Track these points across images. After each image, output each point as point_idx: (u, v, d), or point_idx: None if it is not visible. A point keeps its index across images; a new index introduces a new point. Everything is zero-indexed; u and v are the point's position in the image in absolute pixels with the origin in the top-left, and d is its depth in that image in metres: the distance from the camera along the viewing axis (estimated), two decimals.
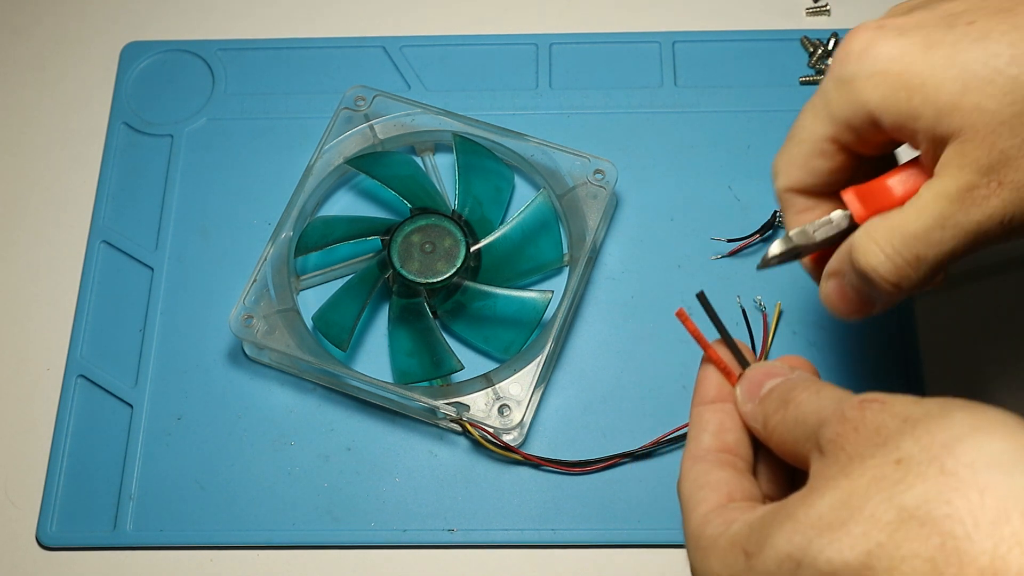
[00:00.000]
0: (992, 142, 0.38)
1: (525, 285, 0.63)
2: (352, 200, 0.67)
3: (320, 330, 0.61)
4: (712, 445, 0.40)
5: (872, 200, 0.42)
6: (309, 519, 0.58)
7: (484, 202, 0.64)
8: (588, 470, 0.59)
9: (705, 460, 0.39)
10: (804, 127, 0.44)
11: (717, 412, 0.41)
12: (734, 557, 0.35)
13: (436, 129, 0.66)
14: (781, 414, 0.38)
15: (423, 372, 0.59)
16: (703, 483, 0.38)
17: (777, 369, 0.40)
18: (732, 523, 0.36)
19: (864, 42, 0.41)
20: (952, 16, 0.40)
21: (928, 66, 0.39)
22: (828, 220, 0.44)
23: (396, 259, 0.61)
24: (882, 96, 0.40)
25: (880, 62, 0.40)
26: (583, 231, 0.63)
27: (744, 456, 0.40)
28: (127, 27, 0.73)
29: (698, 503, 0.38)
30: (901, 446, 0.32)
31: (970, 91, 0.38)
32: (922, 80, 0.39)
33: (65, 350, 0.63)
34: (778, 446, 0.38)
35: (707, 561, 0.36)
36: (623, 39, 0.71)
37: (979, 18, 0.39)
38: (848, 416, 0.34)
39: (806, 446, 0.36)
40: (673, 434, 0.59)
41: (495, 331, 0.61)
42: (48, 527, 0.58)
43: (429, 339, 0.60)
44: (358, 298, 0.61)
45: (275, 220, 0.64)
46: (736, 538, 0.35)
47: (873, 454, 0.32)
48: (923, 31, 0.40)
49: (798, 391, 0.38)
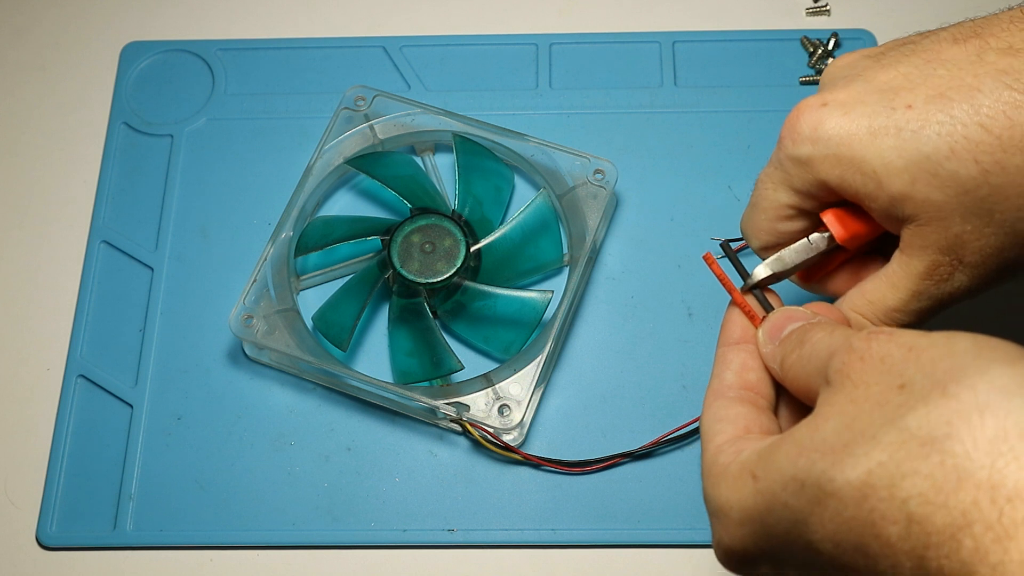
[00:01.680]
0: (946, 227, 0.40)
1: (525, 285, 0.63)
2: (352, 200, 0.67)
3: (320, 330, 0.61)
4: (734, 382, 0.41)
5: (850, 222, 0.43)
6: (309, 519, 0.58)
7: (484, 202, 0.64)
8: (588, 470, 0.59)
9: (726, 396, 0.41)
10: (766, 196, 0.45)
11: (740, 352, 0.42)
12: (742, 482, 0.36)
13: (436, 129, 0.66)
14: (797, 353, 0.39)
15: (423, 372, 0.59)
16: (722, 416, 0.40)
17: (799, 314, 0.41)
18: (743, 451, 0.37)
19: (812, 123, 0.42)
20: (890, 93, 0.41)
21: (878, 155, 0.40)
22: (806, 243, 0.45)
23: (396, 259, 0.61)
24: (839, 176, 0.41)
25: (832, 145, 0.41)
26: (583, 231, 0.63)
27: (765, 395, 0.41)
28: (127, 27, 0.73)
29: (715, 435, 0.39)
30: (904, 372, 0.33)
31: (918, 183, 0.39)
32: (873, 168, 0.40)
33: (65, 350, 0.63)
34: (792, 384, 0.39)
35: (717, 488, 0.37)
36: (623, 39, 0.71)
37: (916, 101, 0.40)
38: (855, 346, 0.35)
39: (816, 380, 0.37)
40: (673, 434, 0.59)
41: (495, 331, 0.61)
42: (48, 527, 0.58)
43: (429, 339, 0.60)
44: (358, 298, 0.61)
45: (275, 220, 0.64)
46: (745, 464, 0.36)
47: (877, 380, 0.33)
48: (865, 111, 0.41)
49: (814, 331, 0.39)
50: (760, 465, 0.35)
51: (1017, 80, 0.38)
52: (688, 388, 0.61)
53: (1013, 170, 0.38)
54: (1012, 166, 0.38)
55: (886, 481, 0.31)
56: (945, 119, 0.39)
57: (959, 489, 0.30)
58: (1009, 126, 0.38)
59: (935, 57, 0.41)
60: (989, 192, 0.39)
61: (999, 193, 0.39)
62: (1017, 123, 0.38)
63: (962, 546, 0.29)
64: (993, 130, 0.38)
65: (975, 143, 0.38)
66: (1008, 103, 0.38)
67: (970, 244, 0.40)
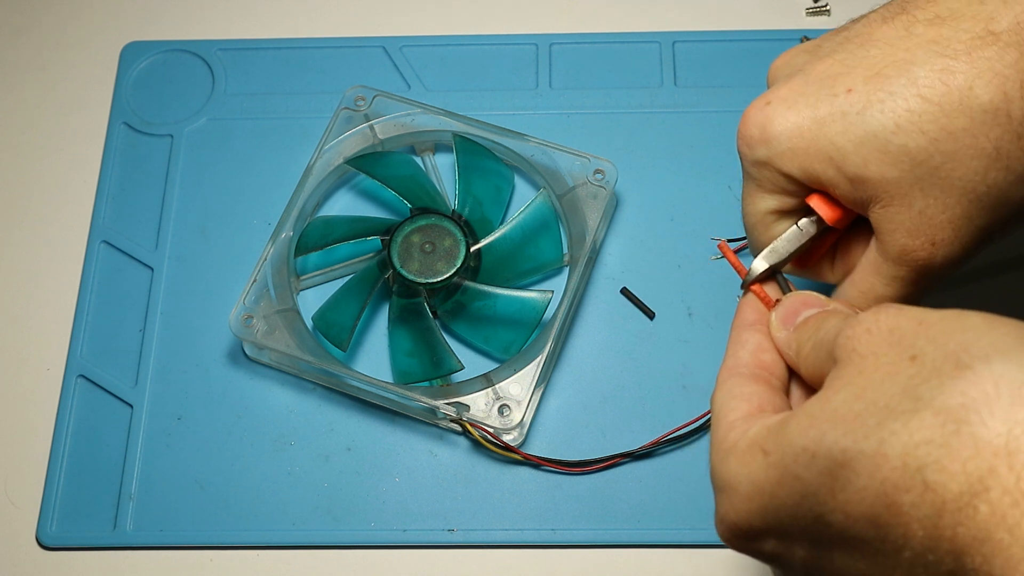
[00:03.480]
0: (909, 204, 0.40)
1: (525, 285, 0.63)
2: (352, 200, 0.67)
3: (320, 330, 0.61)
4: (749, 361, 0.41)
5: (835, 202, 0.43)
6: (309, 519, 0.58)
7: (484, 202, 0.64)
8: (588, 470, 0.59)
9: (741, 374, 0.41)
10: (749, 212, 0.45)
11: (756, 333, 0.42)
12: (751, 456, 0.36)
13: (436, 129, 0.66)
14: (813, 340, 0.39)
15: (423, 372, 0.59)
16: (736, 394, 0.40)
17: (814, 300, 0.41)
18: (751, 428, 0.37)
19: (760, 124, 0.42)
20: (830, 80, 0.41)
21: (828, 142, 0.40)
22: (796, 230, 0.45)
23: (396, 259, 0.61)
24: (800, 167, 0.42)
25: (783, 141, 0.41)
26: (583, 231, 0.63)
27: (779, 376, 0.41)
28: (127, 27, 0.73)
29: (729, 411, 0.39)
30: (916, 344, 0.33)
31: (871, 163, 0.40)
32: (827, 154, 0.41)
33: (65, 350, 0.63)
34: (808, 372, 0.39)
35: (726, 463, 0.37)
36: (623, 39, 0.71)
37: (855, 84, 0.40)
38: (862, 319, 0.35)
39: (828, 364, 0.37)
40: (673, 434, 0.59)
41: (495, 331, 0.61)
42: (48, 527, 0.58)
43: (429, 339, 0.60)
44: (358, 298, 0.61)
45: (275, 220, 0.64)
46: (755, 439, 0.36)
47: (887, 352, 0.34)
48: (808, 102, 0.41)
49: (830, 318, 0.39)
50: (771, 439, 0.35)
51: (947, 47, 0.39)
52: (688, 388, 0.61)
53: (960, 132, 0.39)
54: (957, 129, 0.39)
55: (899, 450, 0.31)
56: (885, 96, 0.40)
57: (976, 456, 0.30)
58: (946, 92, 0.39)
59: (867, 39, 0.41)
60: (942, 160, 0.39)
61: (952, 160, 0.39)
62: (953, 87, 0.39)
63: (978, 512, 0.29)
64: (932, 99, 0.39)
65: (918, 114, 0.39)
66: (942, 69, 0.39)
67: (936, 219, 0.40)
